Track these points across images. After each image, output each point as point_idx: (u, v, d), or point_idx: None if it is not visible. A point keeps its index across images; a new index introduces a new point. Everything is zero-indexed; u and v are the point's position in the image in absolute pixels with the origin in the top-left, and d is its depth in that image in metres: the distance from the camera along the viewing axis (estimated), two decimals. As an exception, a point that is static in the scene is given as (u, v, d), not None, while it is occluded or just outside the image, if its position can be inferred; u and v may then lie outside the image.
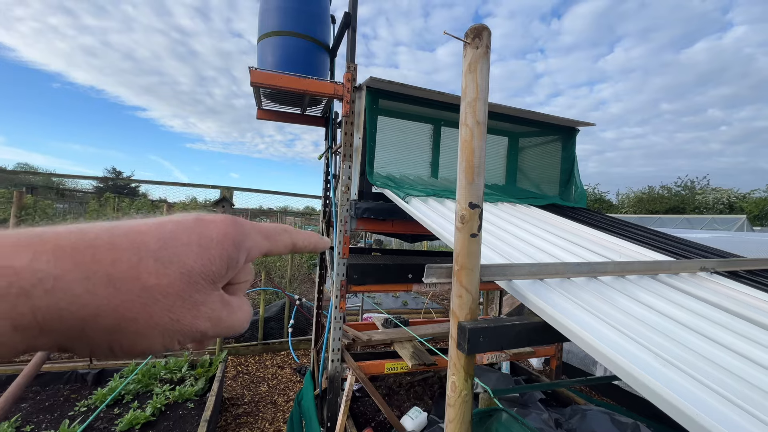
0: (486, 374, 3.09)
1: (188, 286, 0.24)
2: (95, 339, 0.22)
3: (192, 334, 0.25)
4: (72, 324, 0.20)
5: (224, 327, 0.27)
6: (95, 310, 0.21)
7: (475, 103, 0.92)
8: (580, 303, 0.99)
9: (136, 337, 0.23)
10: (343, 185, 2.39)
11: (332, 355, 2.45)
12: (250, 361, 4.23)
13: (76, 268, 0.20)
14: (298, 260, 7.49)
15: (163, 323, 0.23)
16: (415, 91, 2.45)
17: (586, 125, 3.09)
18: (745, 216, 12.32)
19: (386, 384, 3.47)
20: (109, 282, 0.21)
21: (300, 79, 2.31)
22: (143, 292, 0.22)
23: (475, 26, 0.94)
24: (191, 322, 0.25)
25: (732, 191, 22.46)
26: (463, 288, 0.92)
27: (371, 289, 2.51)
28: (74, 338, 0.21)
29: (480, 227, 0.92)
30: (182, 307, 0.24)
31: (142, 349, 0.24)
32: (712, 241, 2.85)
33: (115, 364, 3.07)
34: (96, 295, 0.21)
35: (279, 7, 2.56)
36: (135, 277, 0.22)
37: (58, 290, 0.19)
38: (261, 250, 0.30)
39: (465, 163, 0.92)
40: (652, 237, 1.94)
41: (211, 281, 0.26)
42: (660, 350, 0.81)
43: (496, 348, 0.91)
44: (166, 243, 0.24)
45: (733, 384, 0.73)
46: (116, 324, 0.22)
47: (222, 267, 0.26)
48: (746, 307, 1.12)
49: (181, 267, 0.24)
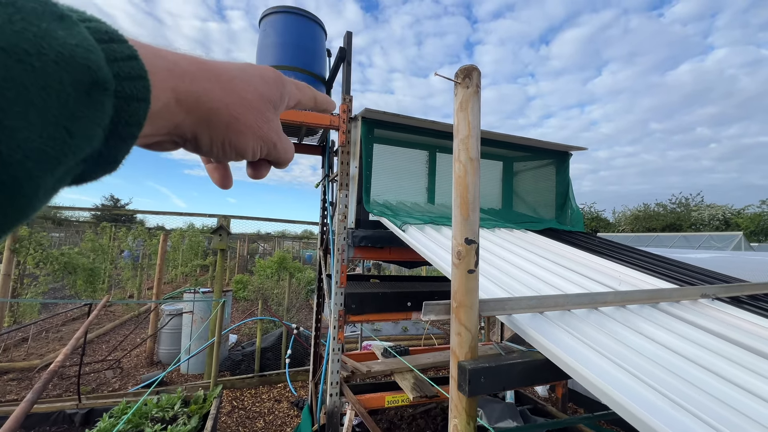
0: (490, 405, 2.99)
1: (262, 105, 0.32)
2: (217, 130, 0.29)
3: (268, 142, 0.33)
4: (205, 111, 0.27)
5: (283, 145, 0.35)
6: (217, 104, 0.28)
7: (467, 140, 0.93)
8: (582, 338, 0.97)
9: (239, 135, 0.30)
10: (340, 213, 2.39)
11: (330, 389, 2.37)
12: (246, 395, 4.08)
13: (203, 73, 0.27)
14: (296, 287, 7.39)
15: (254, 127, 0.31)
16: (408, 120, 2.50)
17: (578, 149, 3.14)
18: (742, 233, 12.37)
19: (387, 417, 3.34)
20: (222, 88, 0.28)
21: (297, 111, 2.36)
22: (242, 100, 0.30)
23: (465, 67, 0.97)
24: (267, 131, 0.32)
25: (726, 207, 22.66)
26: (462, 326, 0.90)
27: (370, 319, 2.46)
28: (205, 123, 0.28)
29: (477, 263, 0.92)
30: (261, 119, 0.32)
31: (243, 146, 0.31)
32: (711, 262, 2.84)
33: (104, 403, 2.95)
34: (217, 93, 0.28)
35: (277, 43, 2.65)
36: (234, 89, 0.29)
37: (196, 81, 0.27)
38: (296, 98, 0.38)
39: (459, 199, 0.93)
40: (650, 261, 1.93)
41: (274, 106, 0.33)
42: (667, 390, 0.78)
43: (498, 389, 0.89)
44: (243, 72, 0.31)
45: (742, 424, 0.71)
46: (229, 120, 0.29)
47: (278, 98, 0.34)
48: (750, 337, 1.10)
49: (256, 89, 0.31)
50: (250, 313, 6.93)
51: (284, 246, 18.29)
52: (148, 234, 9.77)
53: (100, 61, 0.19)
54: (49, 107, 0.17)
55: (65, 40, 0.17)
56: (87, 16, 0.20)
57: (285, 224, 32.04)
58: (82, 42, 0.18)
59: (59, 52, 0.17)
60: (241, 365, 4.51)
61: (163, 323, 4.68)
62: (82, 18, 0.20)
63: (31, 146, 0.16)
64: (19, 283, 5.40)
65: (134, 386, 4.04)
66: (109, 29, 0.21)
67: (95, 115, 0.19)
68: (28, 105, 0.16)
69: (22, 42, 0.15)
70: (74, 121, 0.18)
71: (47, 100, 0.16)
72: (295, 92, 0.37)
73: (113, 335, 5.88)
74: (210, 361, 3.97)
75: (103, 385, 4.13)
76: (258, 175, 0.38)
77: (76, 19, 0.19)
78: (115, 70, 0.20)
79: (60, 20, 0.18)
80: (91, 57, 0.18)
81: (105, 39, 0.20)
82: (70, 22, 0.18)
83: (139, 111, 0.22)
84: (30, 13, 0.16)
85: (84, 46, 0.18)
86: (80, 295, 5.80)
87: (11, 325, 5.20)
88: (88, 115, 0.19)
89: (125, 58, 0.21)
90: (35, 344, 5.16)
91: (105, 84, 0.19)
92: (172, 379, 4.38)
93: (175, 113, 0.26)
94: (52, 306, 6.77)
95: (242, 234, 14.25)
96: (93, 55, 0.18)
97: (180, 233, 10.34)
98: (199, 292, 4.60)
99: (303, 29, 2.70)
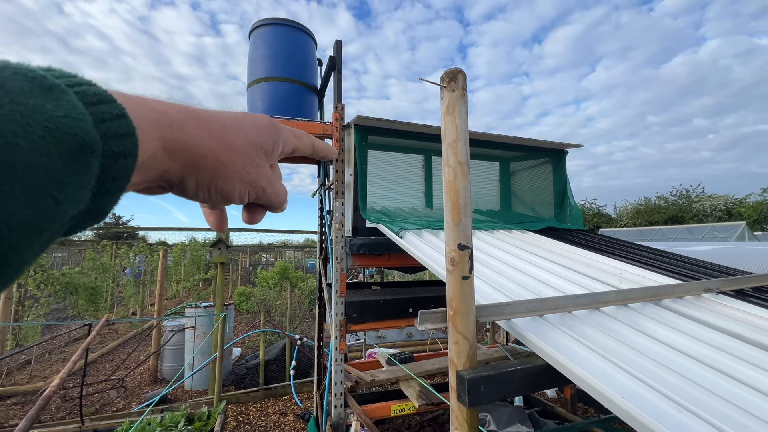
0: (498, 409, 2.93)
1: (253, 151, 0.33)
2: (203, 175, 0.29)
3: (257, 187, 0.34)
4: (191, 157, 0.28)
5: (274, 189, 0.36)
6: (204, 150, 0.29)
7: (455, 144, 0.92)
8: (583, 340, 0.95)
9: (226, 180, 0.31)
10: (336, 222, 2.37)
11: (335, 400, 2.34)
12: (252, 409, 4.03)
13: (192, 121, 0.28)
14: (299, 297, 7.36)
15: (241, 172, 0.32)
16: (401, 125, 2.49)
17: (574, 147, 3.13)
18: (745, 222, 12.28)
19: (394, 426, 3.29)
20: (209, 134, 0.29)
21: (288, 122, 2.35)
22: (230, 146, 0.31)
23: (450, 70, 0.96)
24: (256, 177, 0.33)
25: (728, 197, 22.55)
26: (459, 334, 0.88)
27: (371, 327, 2.43)
28: (192, 169, 0.29)
29: (471, 268, 0.89)
30: (251, 164, 0.32)
31: (230, 191, 0.31)
32: (714, 254, 2.81)
33: (107, 424, 2.91)
34: (204, 139, 0.29)
35: (267, 55, 2.66)
36: (223, 135, 0.30)
37: (184, 129, 0.27)
38: (292, 145, 0.38)
39: (451, 204, 0.91)
40: (652, 257, 1.91)
41: (265, 153, 0.34)
42: (672, 392, 0.76)
43: (499, 397, 0.86)
44: (234, 119, 0.32)
45: (751, 425, 0.68)
46: (215, 165, 0.30)
47: (270, 145, 0.35)
48: (756, 331, 1.07)
49: (247, 136, 0.32)
50: (252, 326, 6.89)
51: (287, 256, 18.26)
52: (149, 250, 9.77)
53: (88, 126, 0.20)
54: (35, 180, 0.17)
55: (52, 114, 0.18)
56: (77, 80, 0.21)
57: (287, 234, 32.06)
58: (70, 111, 0.19)
59: (45, 127, 0.18)
60: (245, 379, 4.46)
61: (166, 340, 4.65)
62: (71, 83, 0.21)
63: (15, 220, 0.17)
64: (21, 306, 5.39)
65: (138, 405, 4.00)
66: (97, 91, 0.22)
67: (82, 178, 0.20)
68: (14, 181, 0.16)
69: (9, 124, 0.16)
70: (61, 188, 0.19)
71: (33, 174, 0.17)
72: (292, 139, 0.38)
73: (116, 354, 5.85)
74: (213, 376, 3.93)
75: (107, 405, 4.09)
76: (252, 220, 0.38)
77: (65, 87, 0.20)
78: (103, 131, 0.21)
79: (49, 92, 0.19)
80: (78, 125, 0.19)
81: (93, 101, 0.21)
82: (59, 91, 0.19)
83: (126, 165, 0.23)
84: (18, 93, 0.17)
85: (72, 116, 0.19)
86: (82, 314, 5.78)
87: (14, 347, 5.17)
88: (75, 180, 0.20)
89: (113, 117, 0.22)
90: (38, 366, 5.13)
91: (92, 147, 0.20)
92: (176, 396, 4.34)
93: (162, 161, 0.26)
94: (55, 327, 6.74)
95: (244, 245, 14.21)
96: (80, 122, 0.19)
97: (182, 248, 10.34)
98: (201, 307, 4.58)
99: (292, 40, 2.71)
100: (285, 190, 0.38)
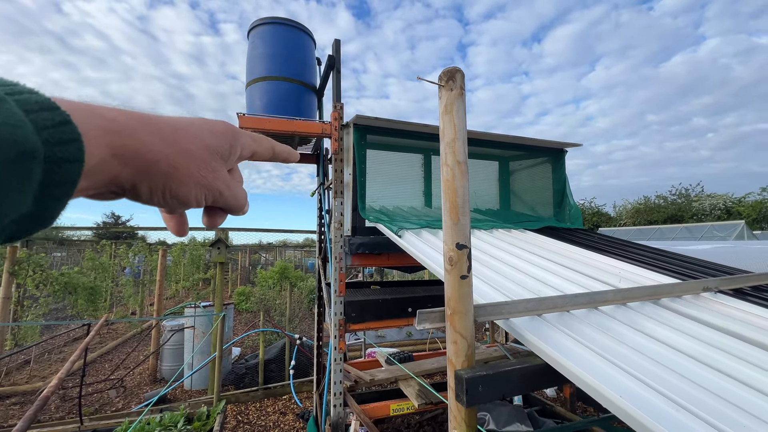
0: (497, 408, 2.94)
1: (208, 156, 0.33)
2: (156, 180, 0.30)
3: (213, 191, 0.34)
4: (143, 163, 0.28)
5: (233, 193, 0.36)
6: (156, 156, 0.29)
7: (453, 143, 0.92)
8: (582, 340, 0.95)
9: (180, 185, 0.31)
10: (336, 221, 2.37)
11: (334, 400, 2.34)
12: (251, 409, 4.03)
13: (144, 127, 0.28)
14: (298, 296, 7.35)
15: (195, 177, 0.32)
16: (400, 125, 2.49)
17: (573, 146, 3.13)
18: (744, 221, 12.29)
19: (393, 425, 3.29)
20: (162, 140, 0.30)
21: (288, 121, 2.35)
22: (183, 151, 0.31)
23: (448, 69, 0.95)
24: (212, 181, 0.34)
25: (727, 196, 22.57)
26: (457, 334, 0.87)
27: (371, 327, 2.43)
28: (144, 175, 0.29)
29: (469, 268, 0.89)
30: (206, 168, 0.33)
31: (184, 195, 0.32)
32: (713, 253, 2.81)
33: (107, 424, 2.91)
34: (156, 145, 0.29)
35: (265, 54, 2.65)
36: (176, 140, 0.31)
37: (135, 135, 0.27)
38: (251, 149, 0.39)
39: (449, 204, 0.91)
40: (651, 256, 1.91)
41: (222, 158, 0.35)
42: (671, 391, 0.76)
43: (497, 397, 0.86)
44: (190, 125, 0.33)
45: (750, 425, 0.68)
46: (168, 170, 0.30)
47: (227, 149, 0.35)
48: (755, 330, 1.07)
49: (202, 141, 0.33)
50: (252, 325, 6.89)
51: (286, 255, 18.25)
52: (148, 249, 9.76)
53: (27, 132, 0.20)
54: None
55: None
56: (18, 89, 0.22)
57: (286, 234, 31.99)
58: (8, 118, 0.20)
59: None
60: (245, 378, 4.46)
61: (165, 339, 4.65)
62: (11, 92, 0.21)
63: None
64: (20, 306, 5.38)
65: (137, 405, 4.00)
66: (39, 99, 0.22)
67: (21, 183, 0.20)
68: None
69: None
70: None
71: None
72: (250, 143, 0.39)
73: (116, 354, 5.84)
74: (213, 376, 3.93)
75: (107, 405, 4.09)
76: (212, 223, 0.39)
77: (4, 95, 0.20)
78: (45, 137, 0.21)
79: None
80: (16, 132, 0.20)
81: (35, 109, 0.21)
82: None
83: (72, 171, 0.23)
84: None
85: (10, 123, 0.19)
86: (81, 314, 5.77)
87: (13, 347, 5.17)
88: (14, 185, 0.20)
89: (56, 124, 0.22)
90: (38, 366, 5.13)
91: (33, 153, 0.20)
92: (175, 395, 4.34)
93: (112, 167, 0.27)
94: (54, 327, 6.73)
95: (244, 245, 14.19)
96: (19, 129, 0.20)
97: (181, 247, 10.32)
98: (200, 307, 4.57)
99: (291, 39, 2.70)
100: (244, 193, 0.39)
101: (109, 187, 0.28)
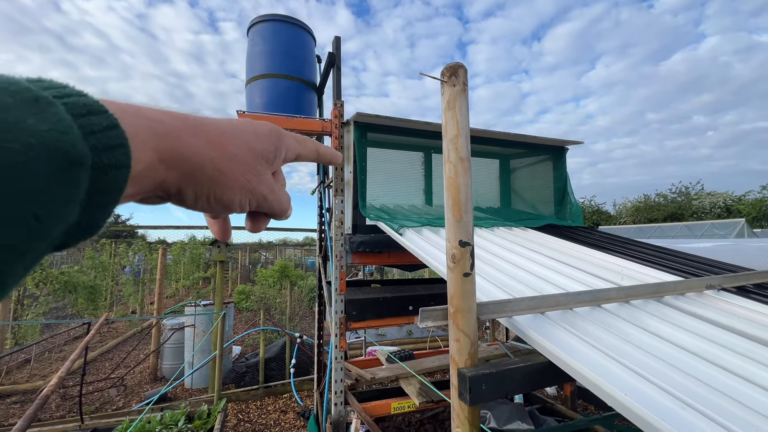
0: (498, 406, 2.93)
1: (253, 159, 0.32)
2: (201, 184, 0.29)
3: (258, 195, 0.33)
4: (189, 166, 0.27)
5: (276, 197, 0.35)
6: (201, 159, 0.28)
7: (456, 139, 0.91)
8: (585, 337, 0.94)
9: (225, 189, 0.30)
10: (336, 219, 2.36)
11: (335, 398, 2.34)
12: (252, 407, 4.03)
13: (189, 129, 0.28)
14: (298, 295, 7.35)
15: (240, 181, 0.31)
16: (401, 122, 2.48)
17: (574, 144, 3.12)
18: (744, 219, 12.29)
19: (394, 423, 3.29)
20: (208, 143, 0.29)
21: (287, 119, 2.34)
22: (228, 155, 0.30)
23: (451, 65, 0.94)
24: (257, 185, 0.32)
25: (727, 194, 22.57)
26: (460, 332, 0.87)
27: (371, 325, 2.43)
28: (189, 179, 0.28)
29: (472, 265, 0.89)
30: (251, 172, 0.32)
31: (229, 200, 0.31)
32: (714, 251, 2.80)
33: (107, 423, 2.91)
34: (202, 148, 0.28)
35: (265, 51, 2.64)
36: (222, 143, 0.30)
37: (180, 138, 0.27)
38: (295, 152, 0.38)
39: (452, 201, 0.90)
40: (653, 254, 1.90)
41: (266, 161, 0.34)
42: (676, 389, 0.75)
43: (500, 395, 0.85)
44: (234, 128, 0.32)
45: (756, 422, 0.67)
46: (213, 174, 0.29)
47: (271, 152, 0.34)
48: (759, 328, 1.07)
49: (247, 144, 0.32)
50: (252, 324, 6.89)
51: (286, 254, 18.24)
52: (148, 248, 9.75)
53: (75, 139, 0.19)
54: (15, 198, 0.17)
55: (35, 128, 0.17)
56: (66, 91, 0.21)
57: (286, 232, 32.05)
58: (56, 124, 0.18)
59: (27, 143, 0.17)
60: (245, 377, 4.46)
61: (165, 338, 4.65)
62: (60, 94, 0.20)
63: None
64: (20, 304, 5.38)
65: (138, 403, 4.00)
66: (87, 102, 0.21)
67: (69, 192, 0.19)
68: None
69: None
70: (44, 205, 0.18)
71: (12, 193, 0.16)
72: (295, 146, 0.38)
73: (116, 352, 5.84)
74: (213, 374, 3.93)
75: (107, 404, 4.09)
76: (255, 228, 0.38)
77: (52, 98, 0.19)
78: (92, 143, 0.20)
79: (34, 103, 0.18)
80: (64, 138, 0.18)
81: (83, 113, 0.20)
82: (45, 103, 0.18)
83: (119, 177, 0.22)
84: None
85: (58, 129, 0.18)
86: (82, 313, 5.76)
87: (13, 346, 5.17)
88: (61, 194, 0.19)
89: (104, 129, 0.21)
90: (38, 365, 5.12)
91: (81, 160, 0.19)
92: (176, 394, 4.34)
93: (158, 171, 0.26)
94: (54, 326, 6.73)
95: (244, 244, 14.17)
96: (66, 135, 0.19)
97: (181, 246, 10.32)
98: (200, 305, 4.57)
99: (291, 36, 2.69)
100: (288, 197, 0.37)
101: (156, 192, 0.27)
